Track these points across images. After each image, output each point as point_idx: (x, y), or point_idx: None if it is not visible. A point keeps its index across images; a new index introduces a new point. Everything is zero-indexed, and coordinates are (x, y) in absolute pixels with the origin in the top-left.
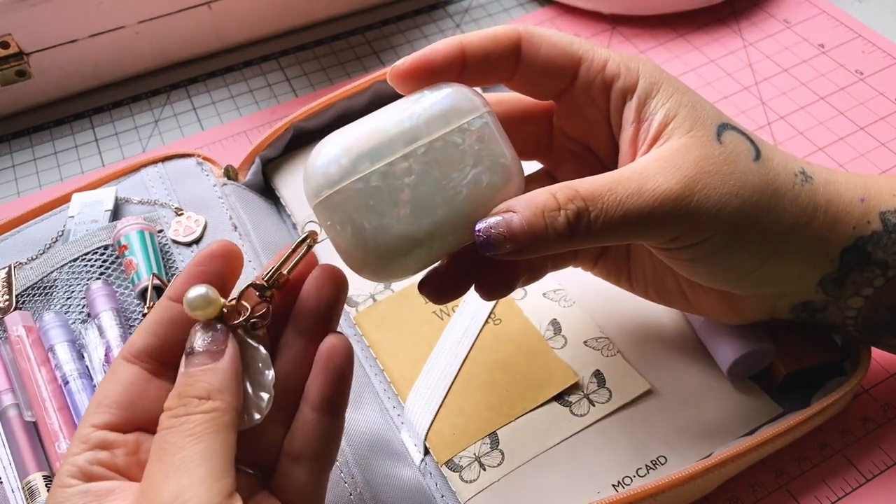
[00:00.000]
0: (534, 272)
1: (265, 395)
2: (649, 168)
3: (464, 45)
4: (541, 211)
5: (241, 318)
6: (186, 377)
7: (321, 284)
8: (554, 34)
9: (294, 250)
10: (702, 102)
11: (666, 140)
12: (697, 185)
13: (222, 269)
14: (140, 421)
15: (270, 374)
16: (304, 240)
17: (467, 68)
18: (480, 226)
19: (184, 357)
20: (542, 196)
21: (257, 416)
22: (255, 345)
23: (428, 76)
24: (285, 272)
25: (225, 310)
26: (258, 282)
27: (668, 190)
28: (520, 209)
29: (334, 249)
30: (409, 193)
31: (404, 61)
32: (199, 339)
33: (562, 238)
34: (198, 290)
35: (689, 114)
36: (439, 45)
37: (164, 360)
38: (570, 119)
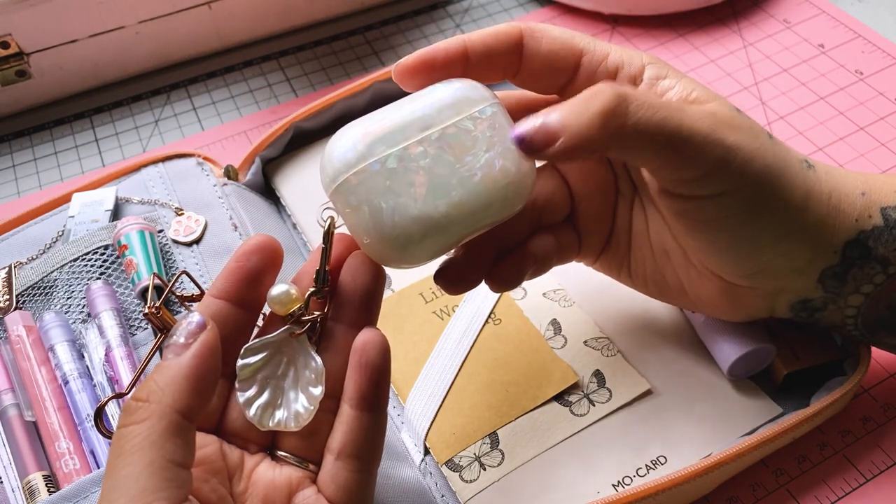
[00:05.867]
0: (540, 264)
1: (310, 408)
2: (693, 105)
3: (466, 42)
4: (577, 101)
5: (303, 328)
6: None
7: (356, 271)
8: (555, 29)
9: (326, 244)
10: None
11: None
12: (733, 130)
13: (259, 264)
14: (203, 419)
15: (319, 389)
16: (328, 230)
17: (471, 65)
18: (517, 130)
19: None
20: (587, 90)
21: (293, 426)
22: (314, 355)
23: (432, 73)
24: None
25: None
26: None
27: (707, 120)
28: (557, 108)
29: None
30: (424, 175)
31: (409, 58)
32: (178, 331)
33: (597, 121)
34: (280, 288)
35: (704, 90)
36: (442, 43)
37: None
38: None
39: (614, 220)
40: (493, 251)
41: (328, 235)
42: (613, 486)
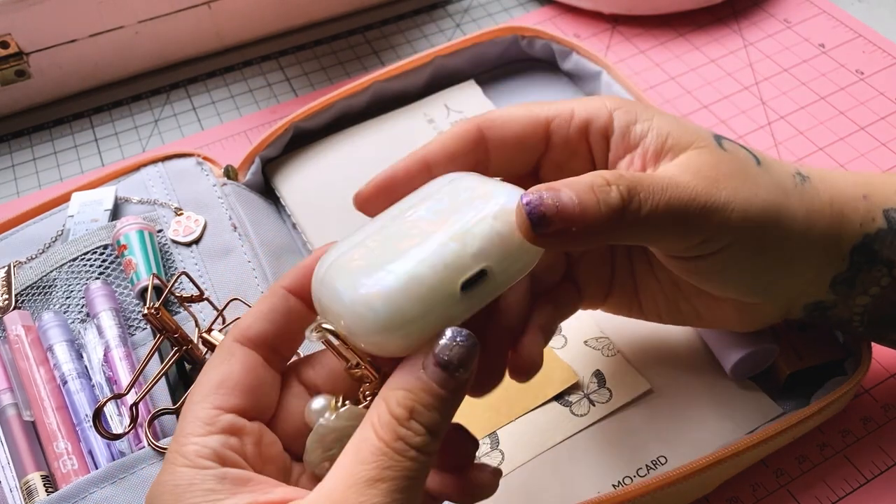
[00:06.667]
0: (548, 335)
1: None
2: (673, 170)
3: (426, 156)
4: (588, 187)
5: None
6: (425, 389)
7: None
8: (512, 109)
9: (337, 345)
10: (684, 120)
11: (672, 157)
12: (721, 185)
13: None
14: (261, 410)
15: None
16: (339, 341)
17: (434, 175)
18: (528, 195)
19: (432, 359)
20: (585, 177)
21: None
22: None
23: (393, 195)
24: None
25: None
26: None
27: (698, 187)
28: (563, 185)
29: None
30: (379, 242)
31: (367, 186)
32: (452, 346)
33: (614, 216)
34: (319, 402)
35: (681, 130)
36: (401, 162)
37: (277, 348)
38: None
39: (613, 265)
40: (508, 340)
41: (339, 346)
42: (613, 486)
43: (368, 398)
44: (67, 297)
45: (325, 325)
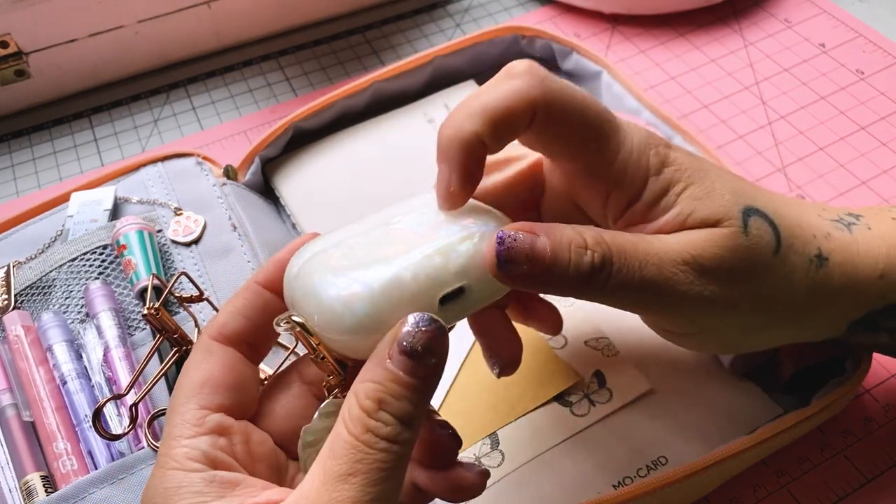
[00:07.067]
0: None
1: None
2: (673, 249)
3: (483, 141)
4: (567, 243)
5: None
6: (393, 379)
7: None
8: (577, 97)
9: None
10: (718, 184)
11: (690, 228)
12: (714, 279)
13: None
14: (245, 406)
15: None
16: (309, 336)
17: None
18: (504, 233)
19: (397, 347)
20: (568, 230)
21: None
22: None
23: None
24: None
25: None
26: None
27: (678, 275)
28: (544, 233)
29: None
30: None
31: (454, 187)
32: (416, 332)
33: (581, 279)
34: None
35: (708, 205)
36: (458, 157)
37: (254, 344)
38: (556, 190)
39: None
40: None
41: (309, 340)
42: (614, 486)
43: (335, 393)
44: (67, 298)
45: (294, 318)
